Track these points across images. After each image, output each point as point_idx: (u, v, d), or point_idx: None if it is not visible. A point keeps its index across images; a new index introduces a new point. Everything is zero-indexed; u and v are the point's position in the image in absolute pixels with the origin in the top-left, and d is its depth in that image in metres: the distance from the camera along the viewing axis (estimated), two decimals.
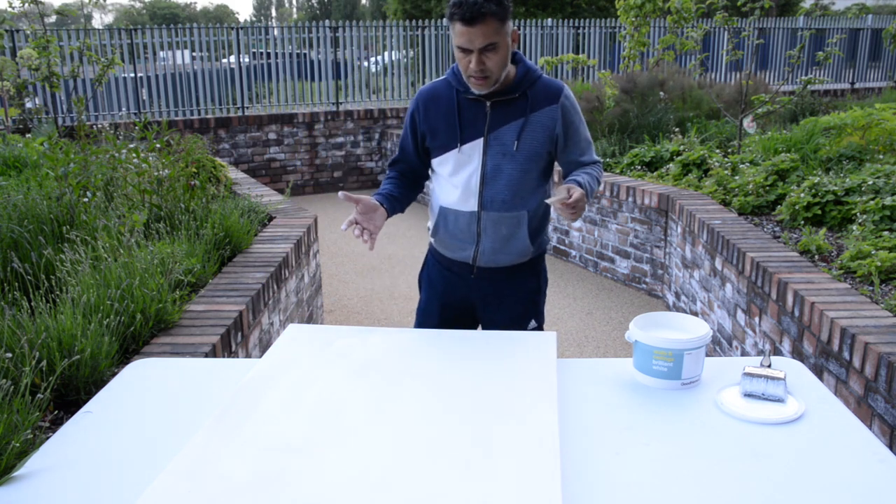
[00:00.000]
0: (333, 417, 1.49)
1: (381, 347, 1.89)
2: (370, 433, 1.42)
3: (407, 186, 2.27)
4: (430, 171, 2.30)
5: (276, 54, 9.95)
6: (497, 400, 1.54)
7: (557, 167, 2.28)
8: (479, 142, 2.10)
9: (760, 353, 3.38)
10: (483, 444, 1.37)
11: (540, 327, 2.35)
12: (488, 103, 2.08)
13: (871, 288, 2.95)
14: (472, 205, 2.15)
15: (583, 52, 11.57)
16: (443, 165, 2.17)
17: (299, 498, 1.22)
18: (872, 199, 3.71)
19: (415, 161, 2.25)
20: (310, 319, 4.26)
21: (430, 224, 2.30)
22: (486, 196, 2.13)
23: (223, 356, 2.55)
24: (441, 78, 2.18)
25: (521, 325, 2.29)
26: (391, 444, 1.38)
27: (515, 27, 2.02)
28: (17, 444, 1.52)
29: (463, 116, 2.10)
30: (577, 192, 1.94)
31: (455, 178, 2.15)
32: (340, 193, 1.99)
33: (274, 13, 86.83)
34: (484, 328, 2.34)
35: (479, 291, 2.28)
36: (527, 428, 1.41)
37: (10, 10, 6.27)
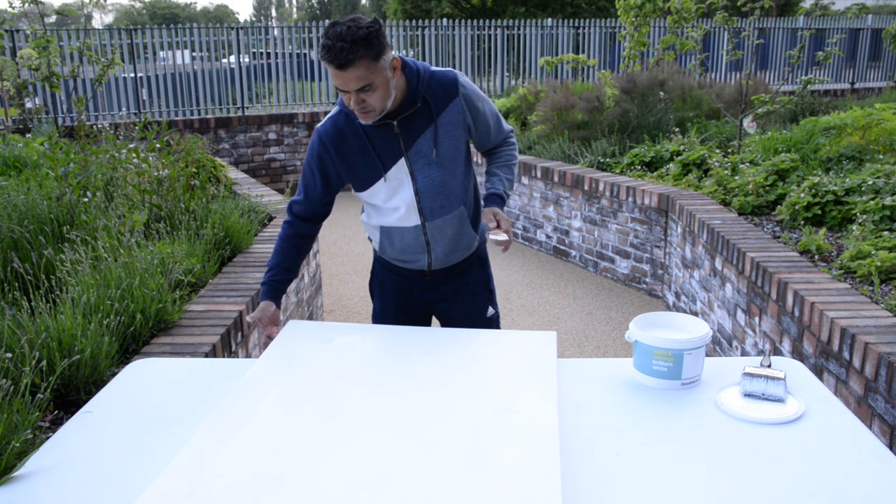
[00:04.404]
0: (332, 416, 1.49)
1: (381, 345, 1.89)
2: (369, 432, 1.43)
3: (298, 248, 2.20)
4: (363, 203, 2.25)
5: (276, 54, 9.95)
6: (497, 399, 1.54)
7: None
8: (402, 162, 2.06)
9: (760, 353, 3.38)
10: (482, 443, 1.37)
11: (497, 313, 2.39)
12: (395, 123, 2.02)
13: (871, 288, 2.95)
14: (414, 220, 2.13)
15: (583, 52, 11.57)
16: (373, 196, 2.12)
17: (298, 497, 1.22)
18: (872, 199, 3.71)
19: (318, 202, 2.17)
20: (310, 319, 4.26)
21: (374, 240, 2.27)
22: (425, 208, 2.11)
23: (223, 356, 2.55)
24: (335, 112, 2.09)
25: (480, 315, 2.32)
26: (390, 443, 1.38)
27: (397, 55, 1.96)
28: (17, 444, 1.52)
29: (376, 146, 2.04)
30: (502, 220, 2.03)
31: (391, 203, 2.12)
32: (250, 318, 2.07)
33: (274, 13, 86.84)
34: (443, 325, 2.34)
35: (435, 291, 2.29)
36: (526, 427, 1.41)
37: (10, 10, 6.27)
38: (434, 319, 2.43)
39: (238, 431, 1.43)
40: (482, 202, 2.20)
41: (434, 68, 2.08)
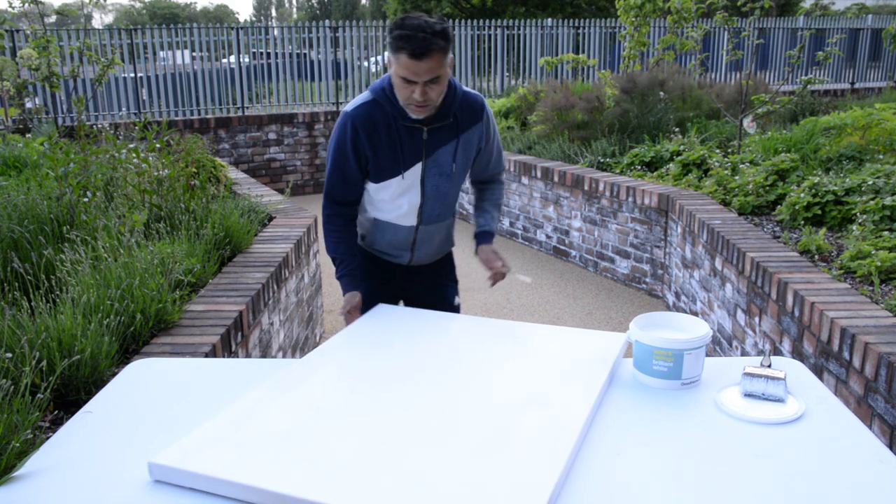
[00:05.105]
0: (377, 390, 1.61)
1: (451, 333, 1.97)
2: (403, 409, 1.51)
3: (352, 232, 2.27)
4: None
5: (276, 54, 9.95)
6: (536, 392, 1.57)
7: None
8: (418, 166, 2.14)
9: (760, 353, 3.38)
10: (507, 430, 1.41)
11: (460, 303, 2.55)
12: (426, 129, 2.10)
13: (871, 288, 2.95)
14: (411, 221, 2.23)
15: (583, 52, 11.57)
16: (383, 190, 2.19)
17: (320, 453, 1.34)
18: (872, 199, 3.71)
19: (359, 184, 2.20)
20: (310, 320, 4.26)
21: (360, 230, 2.33)
22: (425, 213, 2.22)
23: (223, 356, 2.55)
24: (367, 99, 2.11)
25: (449, 304, 2.44)
26: (417, 421, 1.46)
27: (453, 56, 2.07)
28: (17, 444, 1.52)
29: (403, 144, 2.11)
30: (504, 260, 2.25)
31: (398, 200, 2.20)
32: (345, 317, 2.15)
33: (274, 13, 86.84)
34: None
35: (411, 283, 2.39)
36: (550, 422, 1.44)
37: (10, 10, 6.27)
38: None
39: (290, 392, 1.57)
40: (478, 238, 2.34)
41: (464, 87, 2.18)
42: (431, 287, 2.43)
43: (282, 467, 1.29)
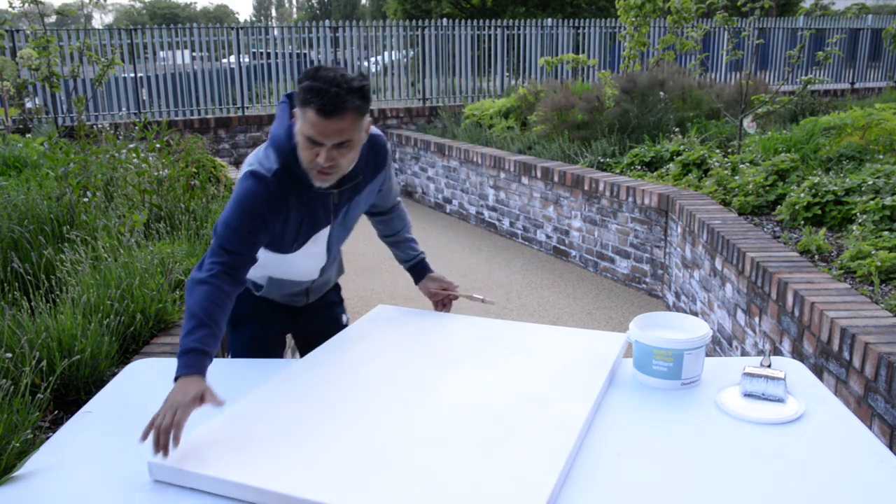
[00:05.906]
0: (377, 388, 1.62)
1: (454, 333, 1.97)
2: (402, 407, 1.53)
3: (229, 311, 1.74)
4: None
5: (276, 54, 9.95)
6: (535, 392, 1.58)
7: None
8: (326, 230, 1.96)
9: (760, 353, 3.38)
10: (507, 430, 1.41)
11: (348, 319, 2.44)
12: (335, 193, 1.89)
13: (871, 288, 2.95)
14: (312, 276, 2.11)
15: (583, 52, 11.57)
16: (293, 258, 2.00)
17: (316, 450, 1.36)
18: (872, 199, 3.71)
19: (254, 258, 1.83)
20: None
21: (257, 284, 2.12)
22: (324, 269, 2.12)
23: (222, 356, 2.55)
24: (278, 164, 1.78)
25: (338, 324, 2.33)
26: (415, 419, 1.47)
27: (371, 119, 1.81)
28: (17, 444, 1.52)
29: (315, 212, 1.89)
30: (451, 284, 2.25)
31: (303, 264, 2.06)
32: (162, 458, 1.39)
33: (274, 13, 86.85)
34: (302, 339, 2.35)
35: (301, 318, 2.26)
36: (549, 421, 1.44)
37: (10, 10, 6.27)
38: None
39: (290, 392, 1.60)
40: (417, 269, 2.29)
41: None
42: (321, 312, 2.30)
43: (282, 467, 1.29)
